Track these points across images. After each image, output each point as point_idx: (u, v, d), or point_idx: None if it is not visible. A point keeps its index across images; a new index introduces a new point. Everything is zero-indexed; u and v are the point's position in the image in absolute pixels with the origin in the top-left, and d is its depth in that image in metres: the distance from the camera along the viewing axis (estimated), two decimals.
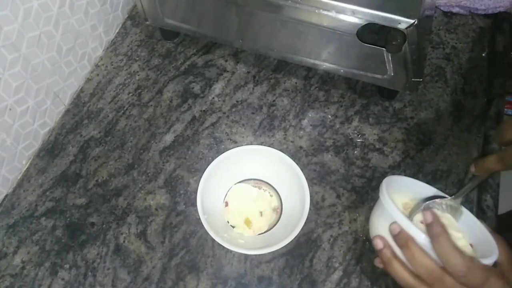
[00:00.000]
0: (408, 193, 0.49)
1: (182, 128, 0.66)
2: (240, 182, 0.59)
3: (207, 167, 0.55)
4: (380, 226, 0.44)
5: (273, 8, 0.56)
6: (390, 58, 0.56)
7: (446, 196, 0.48)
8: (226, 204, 0.58)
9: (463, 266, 0.38)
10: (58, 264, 0.57)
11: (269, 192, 0.59)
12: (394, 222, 0.42)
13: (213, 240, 0.51)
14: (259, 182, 0.59)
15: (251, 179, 0.59)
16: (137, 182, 0.62)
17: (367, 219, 0.51)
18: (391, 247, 0.42)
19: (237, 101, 0.68)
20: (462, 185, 0.59)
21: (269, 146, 0.58)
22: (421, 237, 0.40)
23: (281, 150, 0.56)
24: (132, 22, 0.79)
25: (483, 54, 0.71)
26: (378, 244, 0.43)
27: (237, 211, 0.57)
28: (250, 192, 0.58)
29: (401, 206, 0.48)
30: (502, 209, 0.61)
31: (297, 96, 0.68)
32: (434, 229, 0.40)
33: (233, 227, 0.56)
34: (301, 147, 0.64)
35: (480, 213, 0.57)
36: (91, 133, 0.67)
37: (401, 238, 0.41)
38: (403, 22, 0.50)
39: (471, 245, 0.44)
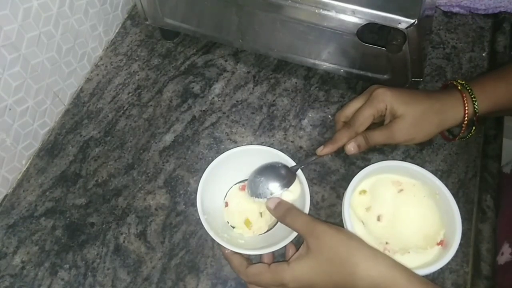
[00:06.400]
0: (401, 172, 0.54)
1: (182, 128, 0.66)
2: (240, 182, 0.59)
3: (207, 167, 0.55)
4: None
5: (273, 8, 0.56)
6: (390, 58, 0.56)
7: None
8: (226, 204, 0.57)
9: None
10: (58, 264, 0.57)
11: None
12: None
13: (213, 240, 0.51)
14: None
15: None
16: (137, 182, 0.62)
17: None
18: None
19: (237, 101, 0.68)
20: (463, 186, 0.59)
21: (269, 146, 0.58)
22: None
23: (281, 150, 0.56)
24: (132, 22, 0.79)
25: (483, 54, 0.70)
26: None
27: (237, 211, 0.57)
28: None
29: (390, 183, 0.53)
30: None
31: (297, 96, 0.68)
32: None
33: (233, 227, 0.56)
34: (301, 147, 0.64)
35: (480, 213, 0.57)
36: (91, 133, 0.67)
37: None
38: (403, 22, 0.50)
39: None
